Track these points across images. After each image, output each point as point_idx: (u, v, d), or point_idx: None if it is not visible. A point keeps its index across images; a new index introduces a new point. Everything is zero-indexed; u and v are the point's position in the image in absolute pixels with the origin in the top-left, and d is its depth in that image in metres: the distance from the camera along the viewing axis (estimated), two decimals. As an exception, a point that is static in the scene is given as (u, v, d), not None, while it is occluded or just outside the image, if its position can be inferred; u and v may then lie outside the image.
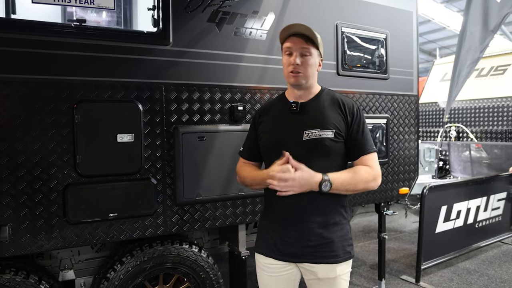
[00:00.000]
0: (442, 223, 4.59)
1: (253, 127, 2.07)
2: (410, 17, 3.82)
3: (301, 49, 1.83)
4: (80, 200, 2.38)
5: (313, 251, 1.84)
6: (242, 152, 2.14)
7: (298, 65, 1.82)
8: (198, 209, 2.78)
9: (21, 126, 2.24)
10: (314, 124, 1.85)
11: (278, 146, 1.85)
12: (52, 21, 2.55)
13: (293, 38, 1.84)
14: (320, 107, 1.90)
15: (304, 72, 1.84)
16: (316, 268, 1.86)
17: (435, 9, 15.69)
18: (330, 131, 1.83)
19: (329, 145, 1.83)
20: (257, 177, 1.94)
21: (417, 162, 4.02)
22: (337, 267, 1.86)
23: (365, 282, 4.35)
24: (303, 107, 1.90)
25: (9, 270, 2.34)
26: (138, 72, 2.54)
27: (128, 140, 2.49)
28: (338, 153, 1.89)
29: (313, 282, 1.91)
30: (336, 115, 1.88)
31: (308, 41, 1.83)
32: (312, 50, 1.85)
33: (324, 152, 1.84)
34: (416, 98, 3.94)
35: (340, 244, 1.87)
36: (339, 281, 1.88)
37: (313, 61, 1.87)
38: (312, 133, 1.83)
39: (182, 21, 2.66)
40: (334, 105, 1.91)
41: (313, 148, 1.83)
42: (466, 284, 4.28)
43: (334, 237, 1.86)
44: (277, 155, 1.84)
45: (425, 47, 21.18)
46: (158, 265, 2.75)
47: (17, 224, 2.25)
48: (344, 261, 1.88)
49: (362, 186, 1.85)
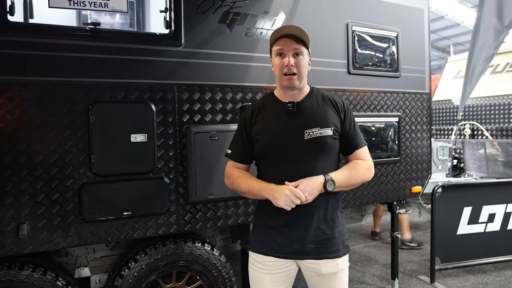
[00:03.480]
0: (466, 225, 4.37)
1: (244, 128, 1.99)
2: (421, 14, 3.80)
3: (293, 50, 1.84)
4: (95, 199, 2.43)
5: (316, 247, 1.88)
6: (231, 154, 2.03)
7: (292, 66, 1.83)
8: (210, 207, 2.82)
9: (39, 126, 2.31)
10: (314, 123, 1.87)
11: (279, 147, 1.87)
12: (68, 24, 2.61)
13: (284, 40, 1.85)
14: (315, 106, 1.93)
15: (298, 73, 1.85)
16: (319, 264, 1.89)
17: (449, 5, 15.50)
18: (330, 129, 1.88)
19: (330, 143, 1.88)
20: (255, 189, 1.87)
21: (430, 161, 3.99)
22: (339, 262, 1.91)
23: (378, 282, 4.34)
24: (298, 106, 1.91)
25: (28, 267, 2.41)
26: (151, 73, 2.59)
27: (141, 140, 2.54)
28: (336, 149, 1.95)
29: (316, 279, 1.93)
30: (331, 113, 1.93)
31: (299, 41, 1.85)
32: (303, 50, 1.87)
33: (325, 150, 1.88)
34: (428, 96, 3.91)
35: (340, 239, 1.93)
36: (340, 275, 1.93)
37: (305, 61, 1.89)
38: (313, 131, 1.86)
39: (194, 22, 2.70)
40: (327, 104, 1.95)
41: (315, 147, 1.86)
42: (482, 284, 4.23)
43: (334, 232, 1.91)
44: (276, 156, 1.88)
45: (439, 44, 20.91)
46: (171, 263, 2.80)
47: (35, 222, 2.32)
48: (344, 255, 1.94)
49: (360, 179, 1.94)
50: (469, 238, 4.39)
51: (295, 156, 1.85)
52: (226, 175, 2.04)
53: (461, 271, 4.55)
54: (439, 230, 4.22)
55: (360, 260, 5.02)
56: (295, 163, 1.85)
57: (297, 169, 1.84)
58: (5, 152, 2.23)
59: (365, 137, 3.42)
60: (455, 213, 4.35)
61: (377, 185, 3.58)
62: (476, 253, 4.44)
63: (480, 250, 4.45)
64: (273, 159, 1.89)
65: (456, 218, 4.35)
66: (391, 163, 3.65)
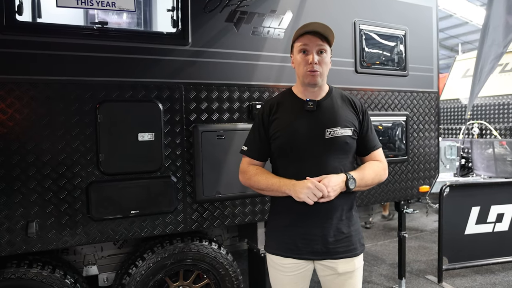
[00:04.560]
0: (474, 225, 4.34)
1: (262, 125, 1.96)
2: (429, 12, 3.77)
3: (317, 47, 1.84)
4: (103, 197, 2.45)
5: (334, 247, 1.87)
6: (248, 151, 2.00)
7: (316, 64, 1.82)
8: (217, 206, 2.82)
9: (47, 125, 2.32)
10: (334, 122, 1.86)
11: (299, 145, 1.86)
12: (75, 24, 2.62)
13: (308, 36, 1.84)
14: (335, 105, 1.92)
15: (321, 71, 1.85)
16: (336, 264, 1.88)
17: (457, 4, 15.36)
18: (349, 129, 1.88)
19: (349, 143, 1.89)
20: (275, 185, 1.84)
21: (438, 160, 3.96)
22: (355, 260, 1.91)
23: (385, 281, 4.32)
24: (318, 105, 1.90)
25: (36, 265, 2.43)
26: (158, 72, 2.59)
27: (148, 139, 2.54)
28: (353, 150, 1.95)
29: (332, 279, 1.92)
30: (350, 114, 1.93)
31: (323, 39, 1.84)
32: (327, 48, 1.87)
33: (344, 150, 1.88)
34: (436, 95, 3.88)
35: (357, 237, 1.93)
36: (356, 274, 1.93)
37: (328, 59, 1.88)
38: (334, 131, 1.85)
39: (201, 21, 2.70)
40: (346, 104, 1.95)
41: (335, 146, 1.86)
42: (490, 284, 4.19)
43: (351, 231, 1.91)
44: (295, 154, 1.86)
45: (447, 43, 20.75)
46: (178, 261, 2.80)
47: (44, 220, 2.33)
48: (360, 253, 1.94)
49: (377, 180, 1.95)
50: (477, 238, 4.35)
51: (314, 155, 1.84)
52: (242, 172, 1.99)
53: (468, 271, 4.52)
54: (447, 230, 4.19)
55: (367, 260, 5.00)
56: (314, 162, 1.84)
57: (315, 167, 1.83)
58: (14, 151, 2.25)
59: (373, 136, 3.45)
60: (463, 212, 4.31)
61: (385, 185, 3.56)
62: (484, 253, 4.40)
63: (488, 250, 4.41)
64: (292, 157, 1.87)
65: (464, 218, 4.32)
66: (399, 163, 3.63)
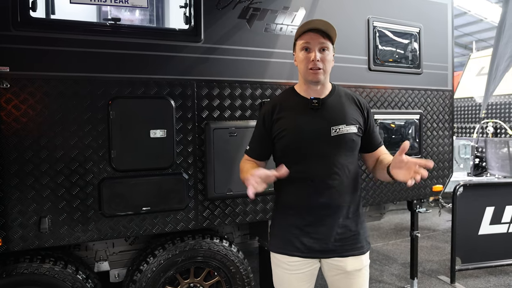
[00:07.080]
0: (488, 225, 4.27)
1: (263, 125, 1.94)
2: (445, 9, 3.71)
3: (319, 44, 1.81)
4: (115, 194, 2.45)
5: (342, 245, 1.86)
6: (249, 151, 2.00)
7: (318, 61, 1.80)
8: (228, 204, 2.81)
9: (60, 122, 2.33)
10: (340, 120, 1.86)
11: (306, 143, 1.84)
12: (89, 20, 2.62)
13: (310, 34, 1.82)
14: (339, 103, 1.91)
15: (324, 68, 1.82)
16: (344, 262, 1.87)
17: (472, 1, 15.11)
18: (355, 126, 1.88)
19: (355, 140, 1.89)
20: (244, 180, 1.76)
21: (452, 159, 3.90)
22: (363, 258, 1.91)
23: (396, 281, 4.28)
24: (323, 103, 1.88)
25: (49, 260, 2.45)
26: (171, 69, 2.59)
27: (160, 135, 2.54)
28: (358, 147, 1.94)
29: (339, 277, 1.90)
30: (355, 111, 1.92)
31: (325, 36, 1.82)
32: (329, 45, 1.84)
33: (351, 147, 1.88)
34: (450, 93, 3.82)
35: (364, 235, 1.93)
36: (363, 271, 1.92)
37: (330, 57, 1.86)
38: (340, 128, 1.84)
39: (213, 18, 2.68)
40: (350, 101, 1.94)
41: (341, 143, 1.85)
42: (504, 286, 4.12)
43: (359, 228, 1.91)
44: (302, 153, 1.85)
45: (461, 41, 20.48)
46: (189, 258, 2.80)
47: (56, 216, 2.35)
48: (367, 251, 1.93)
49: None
50: (491, 238, 4.29)
51: (320, 153, 1.83)
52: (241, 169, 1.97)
53: (482, 272, 4.45)
54: (460, 230, 4.13)
55: (378, 259, 4.96)
56: (320, 160, 1.83)
57: (321, 165, 1.83)
58: (27, 146, 2.26)
59: (385, 134, 3.42)
60: (476, 213, 4.25)
61: (397, 183, 3.52)
62: (498, 254, 4.34)
63: (503, 251, 4.34)
64: (298, 155, 1.86)
65: (478, 218, 4.26)
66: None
